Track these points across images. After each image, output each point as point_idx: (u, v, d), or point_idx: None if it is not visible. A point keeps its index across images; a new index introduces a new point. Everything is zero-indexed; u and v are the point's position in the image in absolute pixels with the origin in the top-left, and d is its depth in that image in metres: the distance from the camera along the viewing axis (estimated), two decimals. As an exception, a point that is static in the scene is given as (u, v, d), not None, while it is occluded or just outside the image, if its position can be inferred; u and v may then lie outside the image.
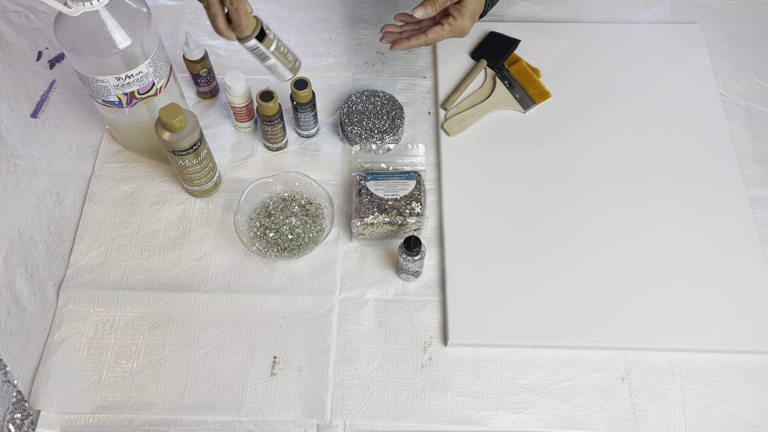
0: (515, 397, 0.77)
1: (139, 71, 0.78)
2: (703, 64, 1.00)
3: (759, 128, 0.96)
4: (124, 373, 0.78)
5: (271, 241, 0.84)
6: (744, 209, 0.88)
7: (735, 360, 0.79)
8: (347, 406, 0.77)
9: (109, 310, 0.82)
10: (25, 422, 0.76)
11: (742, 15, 1.08)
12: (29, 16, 1.06)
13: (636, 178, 0.90)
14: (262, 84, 0.99)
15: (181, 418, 0.76)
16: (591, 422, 0.76)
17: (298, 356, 0.79)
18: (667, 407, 0.77)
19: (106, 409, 0.76)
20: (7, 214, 0.88)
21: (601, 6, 1.08)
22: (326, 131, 0.96)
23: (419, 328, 0.81)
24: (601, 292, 0.82)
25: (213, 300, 0.83)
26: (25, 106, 0.97)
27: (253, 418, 0.76)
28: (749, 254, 0.84)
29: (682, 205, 0.88)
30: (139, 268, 0.85)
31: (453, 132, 0.93)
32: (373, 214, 0.82)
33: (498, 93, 0.97)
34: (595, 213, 0.87)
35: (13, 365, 0.79)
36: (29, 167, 0.92)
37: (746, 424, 0.76)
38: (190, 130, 0.78)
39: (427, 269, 0.85)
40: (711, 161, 0.91)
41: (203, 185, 0.87)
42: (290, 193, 0.87)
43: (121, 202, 0.90)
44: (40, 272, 0.85)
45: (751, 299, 0.81)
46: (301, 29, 1.05)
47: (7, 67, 1.01)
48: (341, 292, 0.83)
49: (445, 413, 0.76)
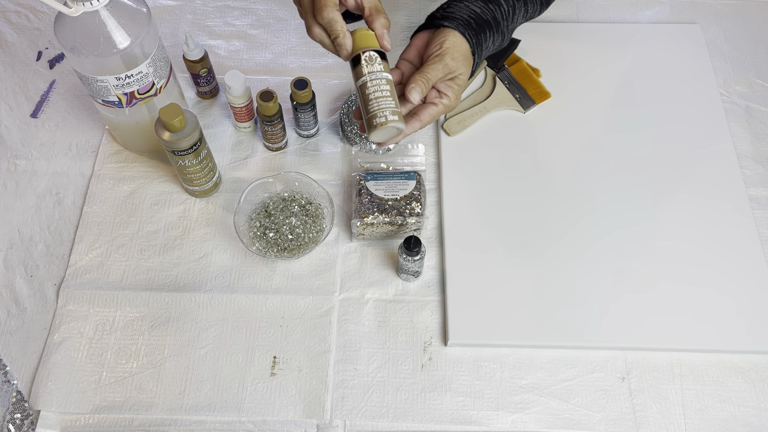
0: (515, 397, 0.77)
1: (139, 71, 0.78)
2: (703, 64, 1.00)
3: (759, 128, 0.96)
4: (123, 373, 0.78)
5: (271, 241, 0.84)
6: (744, 209, 0.88)
7: (735, 360, 0.79)
8: (347, 406, 0.77)
9: (109, 310, 0.82)
10: (24, 422, 0.76)
11: (742, 15, 1.08)
12: (29, 16, 1.06)
13: (636, 178, 0.90)
14: (262, 84, 0.99)
15: (180, 418, 0.76)
16: (591, 422, 0.76)
17: (298, 356, 0.79)
18: (667, 407, 0.77)
19: (106, 409, 0.76)
20: (7, 214, 0.88)
21: (601, 6, 1.08)
22: (326, 131, 0.96)
23: (419, 328, 0.81)
24: (601, 292, 0.82)
25: (213, 300, 0.83)
26: (24, 106, 0.97)
27: (253, 418, 0.76)
28: (749, 254, 0.84)
29: (682, 205, 0.88)
30: (139, 268, 0.85)
31: (453, 132, 0.93)
32: (373, 214, 0.82)
33: (498, 93, 0.97)
34: (595, 212, 0.87)
35: (13, 365, 0.79)
36: (29, 167, 0.92)
37: (746, 424, 0.76)
38: (190, 130, 0.78)
39: (427, 269, 0.85)
40: (711, 161, 0.91)
41: (203, 185, 0.87)
42: (290, 193, 0.87)
43: (121, 202, 0.90)
44: (40, 272, 0.85)
45: (752, 299, 0.81)
46: (301, 29, 1.05)
47: (6, 67, 1.01)
48: (341, 292, 0.83)
49: (445, 413, 0.76)
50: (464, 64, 0.73)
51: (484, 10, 0.76)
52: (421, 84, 0.69)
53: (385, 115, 0.64)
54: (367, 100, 0.65)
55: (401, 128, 0.66)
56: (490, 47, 0.78)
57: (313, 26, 0.69)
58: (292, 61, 1.02)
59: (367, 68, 0.65)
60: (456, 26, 0.73)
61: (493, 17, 0.77)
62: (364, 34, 0.67)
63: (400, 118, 0.65)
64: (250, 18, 1.06)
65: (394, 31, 1.05)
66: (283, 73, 1.01)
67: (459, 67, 0.72)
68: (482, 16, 0.76)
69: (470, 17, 0.75)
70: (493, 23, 0.76)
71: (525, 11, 0.81)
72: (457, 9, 0.75)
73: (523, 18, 0.82)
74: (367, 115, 0.65)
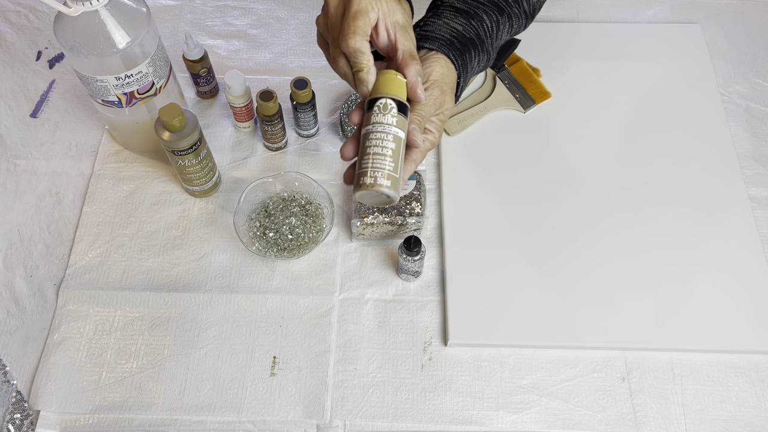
0: (515, 397, 0.77)
1: (139, 71, 0.78)
2: (703, 64, 1.00)
3: (759, 128, 0.96)
4: (123, 373, 0.78)
5: (271, 241, 0.84)
6: (744, 209, 0.88)
7: (735, 360, 0.79)
8: (347, 406, 0.77)
9: (108, 310, 0.82)
10: (24, 422, 0.76)
11: (742, 15, 1.08)
12: (29, 15, 1.06)
13: (636, 178, 0.90)
14: (262, 84, 0.99)
15: (180, 418, 0.76)
16: (591, 422, 0.76)
17: (298, 356, 0.79)
18: (668, 407, 0.77)
19: (105, 409, 0.76)
20: (7, 214, 0.88)
21: (601, 6, 1.08)
22: (326, 131, 0.96)
23: (419, 328, 0.81)
24: (601, 292, 0.82)
25: (213, 300, 0.83)
26: (24, 106, 0.97)
27: (253, 419, 0.76)
28: (749, 254, 0.84)
29: (682, 205, 0.88)
30: (138, 268, 0.85)
31: (453, 132, 0.93)
32: (372, 214, 0.82)
33: (498, 93, 0.97)
34: (595, 212, 0.87)
35: (13, 365, 0.79)
36: (29, 167, 0.92)
37: (746, 424, 0.76)
38: (190, 130, 0.78)
39: (427, 269, 0.85)
40: (711, 161, 0.91)
41: (203, 185, 0.87)
42: (290, 193, 0.87)
43: (121, 202, 0.89)
44: (40, 272, 0.84)
45: (752, 299, 0.81)
46: (301, 29, 1.05)
47: (6, 67, 1.01)
48: (341, 292, 0.83)
49: (445, 413, 0.76)
50: (450, 97, 0.65)
51: (466, 27, 0.68)
52: (419, 124, 0.61)
53: (375, 176, 0.55)
54: (364, 153, 0.56)
55: (391, 196, 0.56)
56: (475, 68, 0.70)
57: (339, 56, 0.60)
58: (292, 61, 1.02)
59: (377, 116, 0.57)
60: (439, 47, 0.65)
61: (476, 34, 0.68)
62: (393, 78, 0.58)
63: (394, 186, 0.55)
64: (250, 18, 1.06)
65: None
66: (283, 73, 1.00)
67: (446, 100, 0.64)
68: (465, 35, 0.67)
69: (452, 36, 0.66)
70: (477, 41, 0.68)
71: (510, 26, 0.73)
72: (436, 27, 0.67)
73: (508, 34, 0.74)
74: (358, 169, 0.56)
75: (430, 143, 0.63)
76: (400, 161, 0.57)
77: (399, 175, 0.57)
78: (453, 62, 0.65)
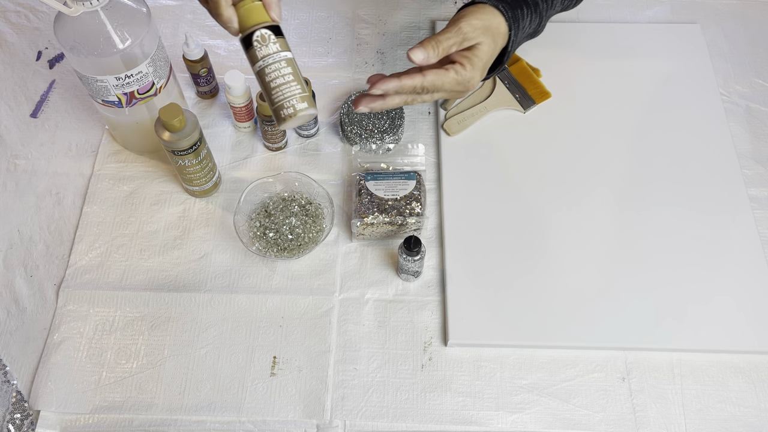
0: (515, 397, 0.77)
1: (139, 71, 0.78)
2: (703, 64, 1.00)
3: (759, 128, 0.96)
4: (123, 373, 0.78)
5: (271, 241, 0.84)
6: (744, 209, 0.88)
7: (735, 360, 0.79)
8: (347, 406, 0.77)
9: (108, 310, 0.82)
10: (24, 422, 0.76)
11: (742, 15, 1.08)
12: (29, 15, 1.06)
13: (636, 178, 0.90)
14: (262, 84, 0.99)
15: (180, 418, 0.76)
16: (591, 422, 0.76)
17: (298, 356, 0.79)
18: (668, 407, 0.77)
19: (105, 409, 0.76)
20: (7, 214, 0.88)
21: (601, 6, 1.08)
22: (326, 131, 0.96)
23: (419, 328, 0.81)
24: (601, 292, 0.82)
25: (213, 300, 0.83)
26: (24, 106, 0.97)
27: (253, 418, 0.76)
28: (749, 254, 0.84)
29: (682, 205, 0.88)
30: (138, 268, 0.85)
31: (453, 132, 0.93)
32: (373, 214, 0.82)
33: (498, 93, 0.97)
34: (596, 212, 0.87)
35: (13, 365, 0.79)
36: (29, 167, 0.92)
37: (746, 424, 0.76)
38: (190, 130, 0.78)
39: (427, 269, 0.85)
40: (711, 161, 0.91)
41: (203, 185, 0.87)
42: (290, 193, 0.87)
43: (121, 202, 0.89)
44: (40, 272, 0.84)
45: (752, 299, 0.81)
46: (301, 29, 1.05)
47: (6, 67, 1.00)
48: (341, 292, 0.83)
49: (445, 413, 0.76)
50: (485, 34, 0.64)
51: None
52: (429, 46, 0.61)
53: (293, 105, 0.57)
54: (269, 88, 0.58)
55: (313, 113, 0.60)
56: (527, 27, 0.70)
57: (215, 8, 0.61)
58: (292, 61, 1.02)
59: (261, 50, 0.57)
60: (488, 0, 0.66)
61: None
62: (250, 6, 0.57)
63: (310, 103, 0.59)
64: (250, 18, 1.06)
65: (394, 31, 1.05)
66: (283, 73, 1.00)
67: (477, 35, 0.63)
68: None
69: None
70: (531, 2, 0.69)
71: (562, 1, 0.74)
72: None
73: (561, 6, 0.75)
74: (272, 105, 0.59)
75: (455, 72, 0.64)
76: (301, 78, 0.59)
77: (307, 92, 0.59)
78: (502, 13, 0.65)
